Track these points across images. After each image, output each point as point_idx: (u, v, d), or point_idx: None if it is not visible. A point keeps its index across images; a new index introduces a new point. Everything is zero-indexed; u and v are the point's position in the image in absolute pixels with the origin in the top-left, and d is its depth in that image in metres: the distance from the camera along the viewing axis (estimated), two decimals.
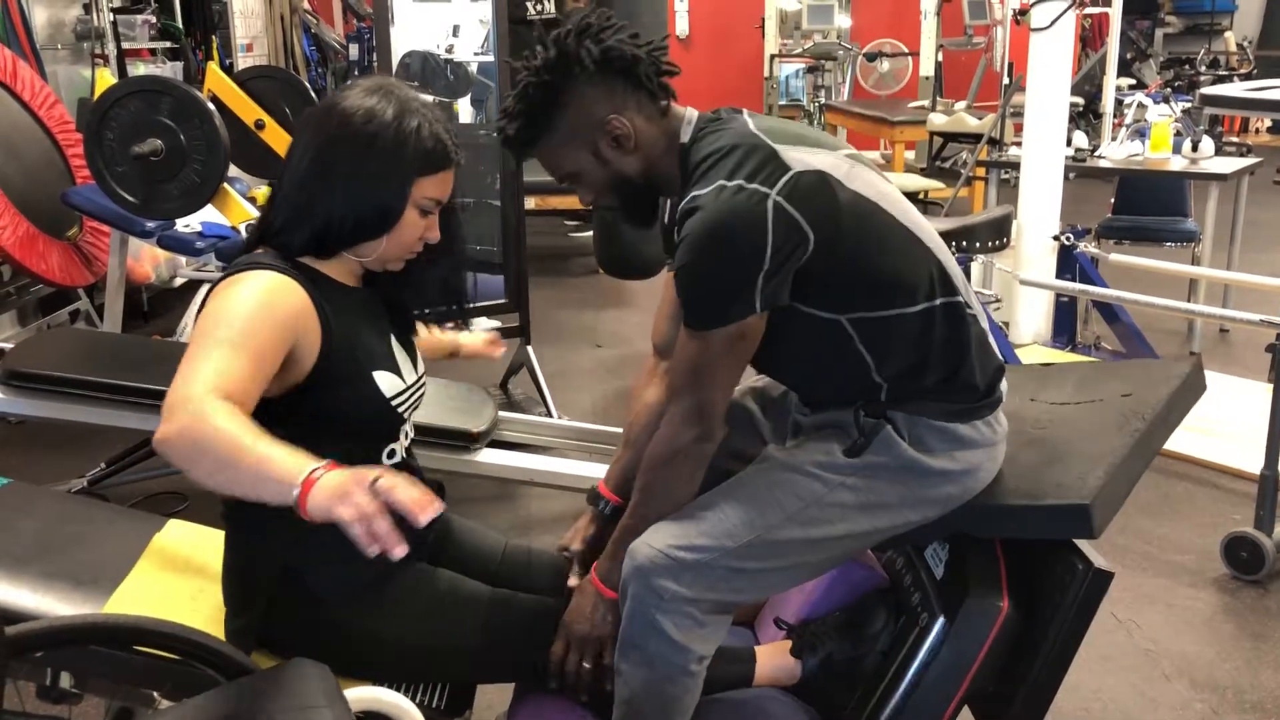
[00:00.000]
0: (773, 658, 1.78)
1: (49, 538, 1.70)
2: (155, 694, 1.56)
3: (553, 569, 1.80)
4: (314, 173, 1.48)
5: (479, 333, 2.01)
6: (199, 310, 1.48)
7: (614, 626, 1.60)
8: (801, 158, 1.51)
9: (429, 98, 1.54)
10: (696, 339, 1.52)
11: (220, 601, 1.60)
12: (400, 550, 1.15)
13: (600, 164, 1.60)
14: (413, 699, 1.61)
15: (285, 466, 1.21)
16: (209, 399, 1.26)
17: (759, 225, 1.46)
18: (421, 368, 1.68)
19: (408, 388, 1.60)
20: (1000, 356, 1.67)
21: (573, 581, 1.75)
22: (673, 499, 1.60)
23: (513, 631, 1.62)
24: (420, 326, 1.73)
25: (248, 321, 1.38)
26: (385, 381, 1.54)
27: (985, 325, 1.65)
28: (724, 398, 1.56)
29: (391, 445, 1.60)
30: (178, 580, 1.67)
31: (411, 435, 1.66)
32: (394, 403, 1.56)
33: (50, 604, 1.57)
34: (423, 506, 1.17)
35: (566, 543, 1.85)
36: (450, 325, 1.86)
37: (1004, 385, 1.66)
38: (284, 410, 1.45)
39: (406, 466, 1.65)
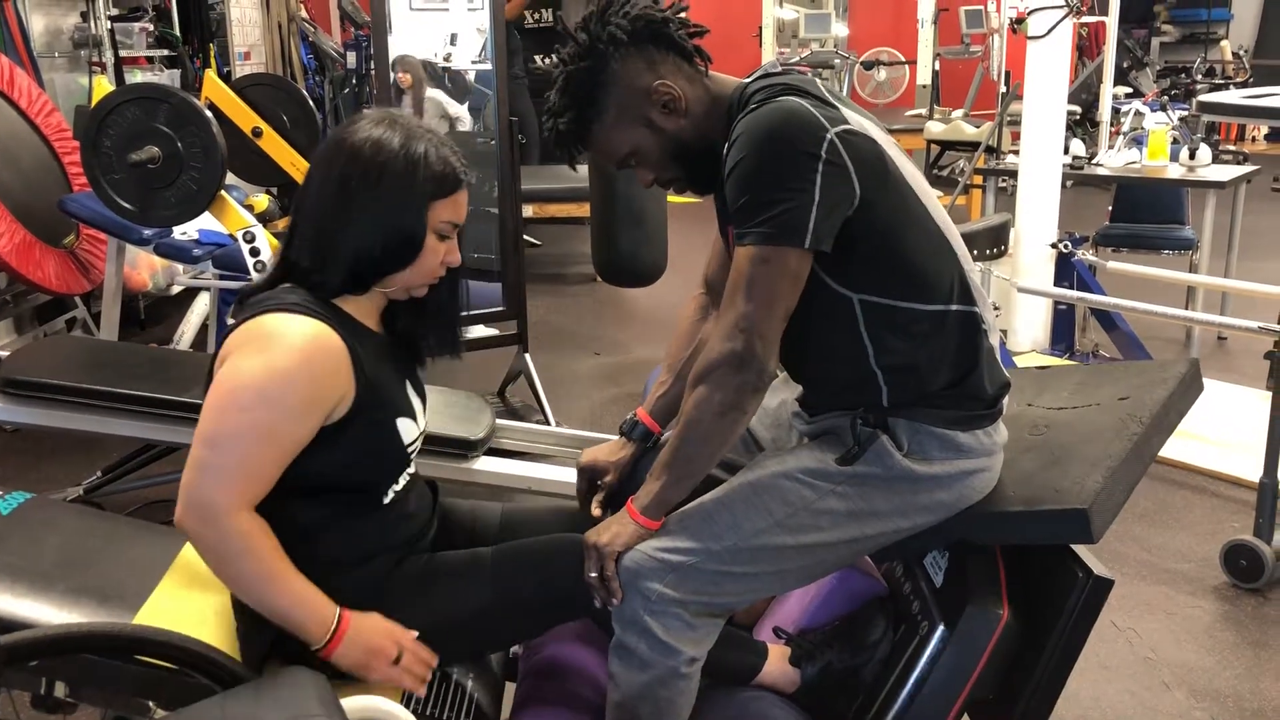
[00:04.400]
0: (772, 665, 1.78)
1: (74, 553, 1.67)
2: (150, 703, 1.55)
3: (553, 516, 1.79)
4: (332, 211, 1.49)
5: None
6: (220, 337, 1.48)
7: (632, 546, 1.55)
8: (859, 119, 1.51)
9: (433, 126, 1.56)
10: (744, 253, 1.46)
11: None
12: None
13: (656, 135, 1.59)
14: (442, 714, 1.60)
15: (311, 616, 1.44)
16: (244, 524, 1.40)
17: (816, 142, 1.43)
18: (427, 408, 1.69)
19: (420, 433, 1.62)
20: (1006, 373, 1.66)
21: (596, 511, 1.73)
22: (708, 427, 1.50)
23: (519, 576, 1.61)
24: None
25: (297, 410, 1.41)
26: (405, 428, 1.56)
27: (996, 341, 1.65)
28: (766, 318, 1.46)
29: (394, 487, 1.59)
30: (204, 595, 1.65)
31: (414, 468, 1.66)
32: (409, 448, 1.57)
33: (76, 620, 1.55)
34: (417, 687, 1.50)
35: (594, 462, 1.81)
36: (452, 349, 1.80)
37: (1005, 398, 1.66)
38: (302, 451, 1.45)
39: (410, 482, 1.66)
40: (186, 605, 1.62)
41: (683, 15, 1.60)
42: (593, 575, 1.56)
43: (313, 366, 1.42)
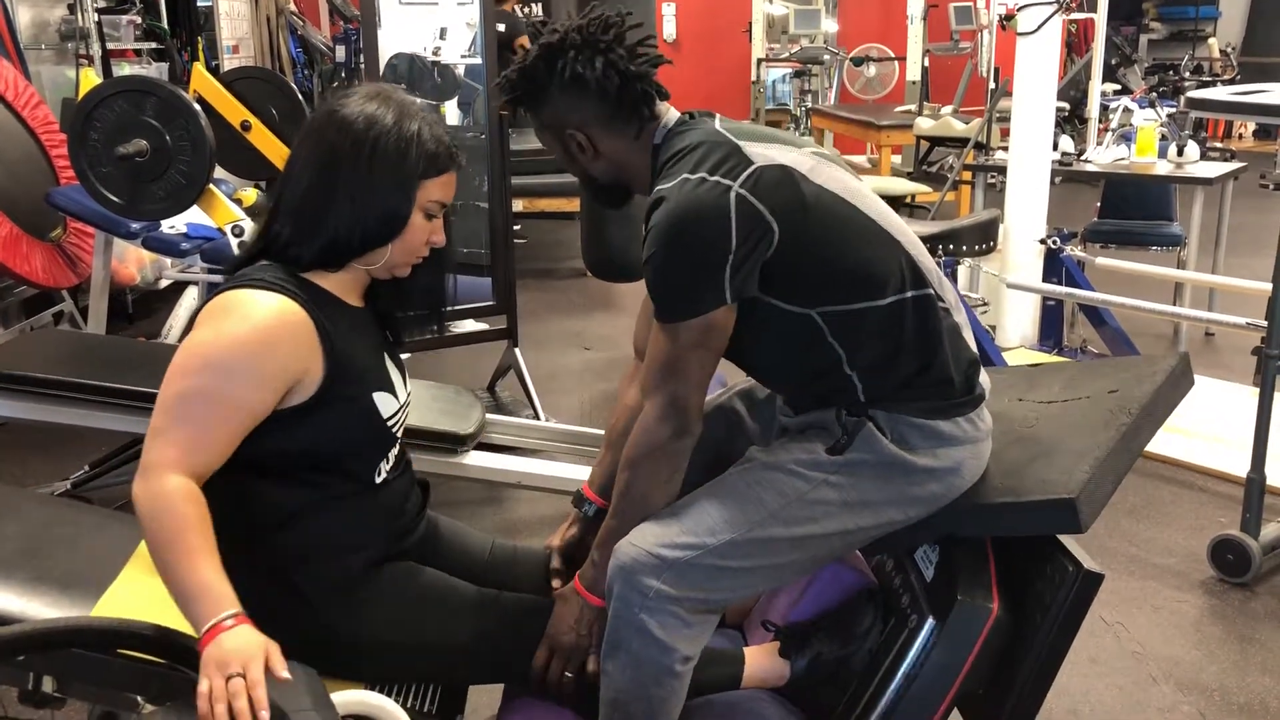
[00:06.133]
0: (761, 660, 1.78)
1: (34, 541, 1.67)
2: (139, 698, 1.55)
3: (539, 567, 1.79)
4: (319, 183, 1.48)
5: None
6: (193, 317, 1.47)
7: (599, 636, 1.59)
8: (765, 153, 1.54)
9: (424, 102, 1.56)
10: (667, 332, 1.53)
11: None
12: None
13: (568, 157, 1.68)
14: (404, 703, 1.59)
15: (202, 606, 1.28)
16: (171, 484, 1.33)
17: (723, 216, 1.48)
18: (410, 384, 1.68)
19: (401, 406, 1.61)
20: (975, 350, 1.67)
21: (555, 584, 1.74)
22: (651, 499, 1.59)
23: (500, 629, 1.61)
24: None
25: (247, 374, 1.39)
26: (383, 402, 1.55)
27: (962, 319, 1.66)
28: (698, 392, 1.55)
29: (381, 464, 1.59)
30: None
31: (398, 449, 1.65)
32: (389, 423, 1.56)
33: (37, 608, 1.55)
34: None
35: (549, 546, 1.84)
36: (434, 330, 1.81)
37: (984, 381, 1.66)
38: (278, 428, 1.45)
39: (402, 472, 1.66)
40: (147, 594, 1.61)
41: (642, 80, 1.61)
42: (567, 676, 1.60)
43: (266, 336, 1.41)
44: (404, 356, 1.72)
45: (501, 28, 7.31)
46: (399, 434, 1.61)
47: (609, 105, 1.61)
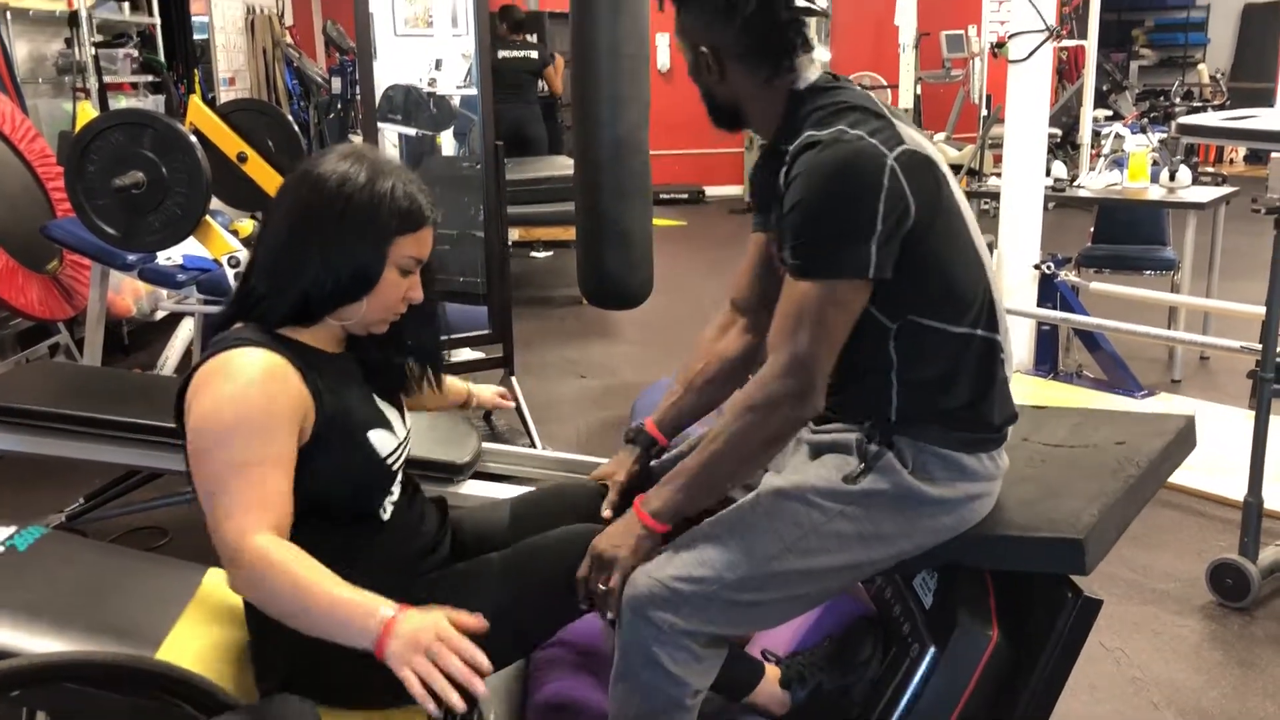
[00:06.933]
0: (762, 687, 1.77)
1: (92, 589, 1.65)
2: None
3: (573, 502, 1.79)
4: (292, 240, 1.50)
5: (491, 386, 2.04)
6: (187, 374, 1.47)
7: (641, 557, 1.56)
8: (914, 137, 1.52)
9: (400, 164, 1.57)
10: (804, 288, 1.48)
11: None
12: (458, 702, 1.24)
13: (695, 68, 1.64)
14: None
15: (356, 619, 1.29)
16: (261, 544, 1.33)
17: (878, 175, 1.45)
18: (409, 419, 1.69)
19: (400, 442, 1.61)
20: (1015, 407, 1.65)
21: (606, 514, 1.72)
22: (745, 453, 1.54)
23: (533, 572, 1.61)
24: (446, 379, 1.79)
25: (262, 427, 1.40)
26: (379, 440, 1.55)
27: (1010, 375, 1.64)
28: (827, 355, 1.49)
29: (387, 499, 1.59)
30: (227, 630, 1.63)
31: (400, 481, 1.65)
32: (388, 460, 1.57)
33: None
34: (468, 678, 1.25)
35: (606, 475, 1.82)
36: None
37: (1011, 429, 1.66)
38: None
39: (410, 497, 1.66)
40: (209, 640, 1.60)
41: (792, 30, 1.58)
42: (601, 588, 1.56)
43: (264, 384, 1.42)
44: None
45: (534, 55, 7.48)
46: (398, 469, 1.61)
47: (751, 41, 1.57)
